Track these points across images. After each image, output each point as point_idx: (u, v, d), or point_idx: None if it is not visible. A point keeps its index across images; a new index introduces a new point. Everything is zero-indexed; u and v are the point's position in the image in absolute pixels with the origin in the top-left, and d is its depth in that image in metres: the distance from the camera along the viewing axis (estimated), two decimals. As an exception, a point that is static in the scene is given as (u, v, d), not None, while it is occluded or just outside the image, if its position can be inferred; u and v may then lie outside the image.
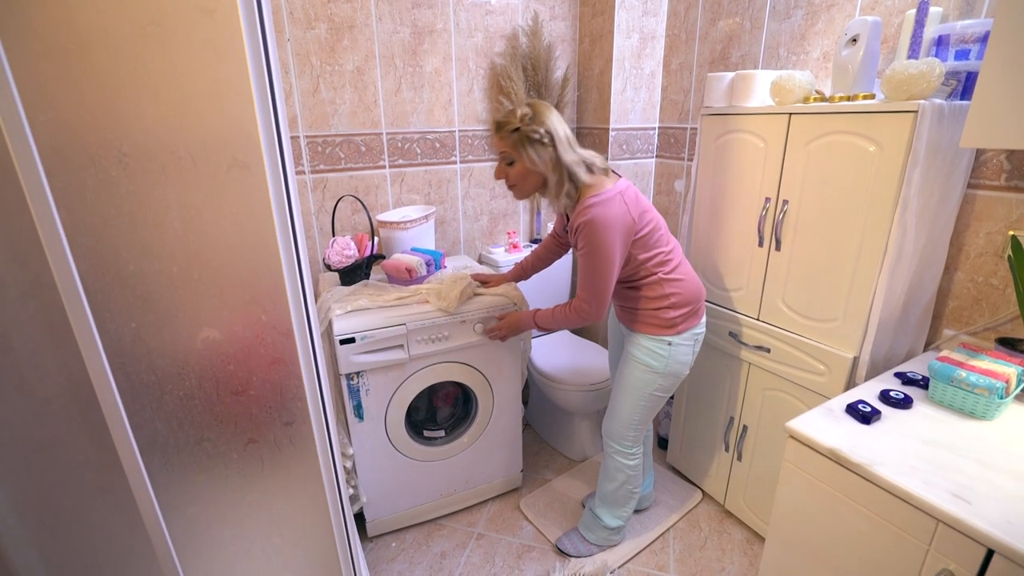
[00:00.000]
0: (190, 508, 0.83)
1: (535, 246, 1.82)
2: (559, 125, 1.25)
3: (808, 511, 1.06)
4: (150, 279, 0.70)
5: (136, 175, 0.64)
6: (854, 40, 1.22)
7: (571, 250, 1.48)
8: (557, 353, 2.08)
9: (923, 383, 1.16)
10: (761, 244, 1.46)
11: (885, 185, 1.15)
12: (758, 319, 1.52)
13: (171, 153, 0.66)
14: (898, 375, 1.21)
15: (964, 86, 1.15)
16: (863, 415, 1.05)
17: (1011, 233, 1.13)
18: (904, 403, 1.09)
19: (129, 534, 0.78)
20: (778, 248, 1.42)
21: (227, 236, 0.72)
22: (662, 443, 2.12)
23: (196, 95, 0.65)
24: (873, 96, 1.20)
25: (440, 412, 1.88)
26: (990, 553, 0.78)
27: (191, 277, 0.72)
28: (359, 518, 1.70)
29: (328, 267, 1.65)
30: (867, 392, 1.15)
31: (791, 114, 1.32)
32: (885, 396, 1.11)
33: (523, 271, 1.70)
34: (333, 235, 1.73)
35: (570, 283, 2.31)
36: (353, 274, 1.67)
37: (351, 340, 1.43)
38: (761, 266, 1.48)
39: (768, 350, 1.49)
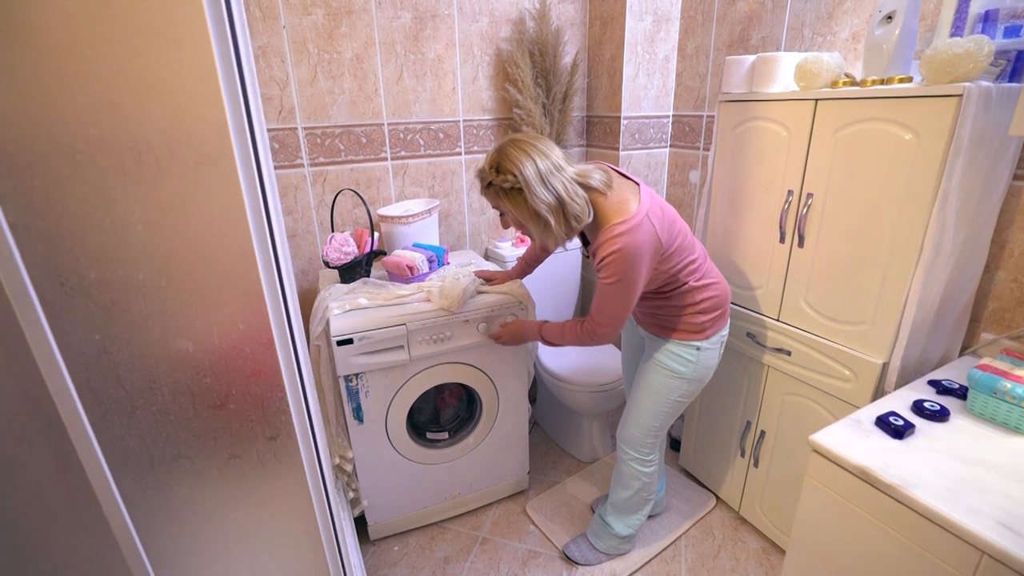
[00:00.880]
0: (168, 528, 0.78)
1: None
2: (534, 161, 1.09)
3: (833, 532, 0.99)
4: (114, 287, 0.64)
5: (91, 174, 0.58)
6: (889, 17, 1.12)
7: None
8: (565, 352, 2.00)
9: (960, 392, 1.07)
10: (783, 240, 1.37)
11: (922, 177, 1.05)
12: (778, 320, 1.43)
13: (130, 149, 0.59)
14: (932, 383, 1.12)
15: (1014, 66, 1.04)
16: (895, 429, 0.96)
17: (1063, 229, 1.04)
18: (940, 415, 1.00)
19: (104, 557, 0.73)
20: (801, 245, 1.33)
21: (197, 239, 0.65)
22: (675, 444, 2.05)
23: (156, 84, 0.58)
24: (910, 79, 1.10)
25: (444, 413, 1.83)
26: (1043, 591, 0.70)
27: (159, 284, 0.66)
28: (361, 521, 1.66)
29: (327, 264, 1.59)
30: (898, 402, 1.07)
31: (817, 100, 1.22)
32: (919, 407, 1.03)
33: (527, 266, 1.63)
34: (332, 230, 1.67)
35: (579, 280, 2.23)
36: (352, 271, 1.61)
37: (349, 341, 1.37)
38: (782, 264, 1.39)
39: (789, 353, 1.40)
